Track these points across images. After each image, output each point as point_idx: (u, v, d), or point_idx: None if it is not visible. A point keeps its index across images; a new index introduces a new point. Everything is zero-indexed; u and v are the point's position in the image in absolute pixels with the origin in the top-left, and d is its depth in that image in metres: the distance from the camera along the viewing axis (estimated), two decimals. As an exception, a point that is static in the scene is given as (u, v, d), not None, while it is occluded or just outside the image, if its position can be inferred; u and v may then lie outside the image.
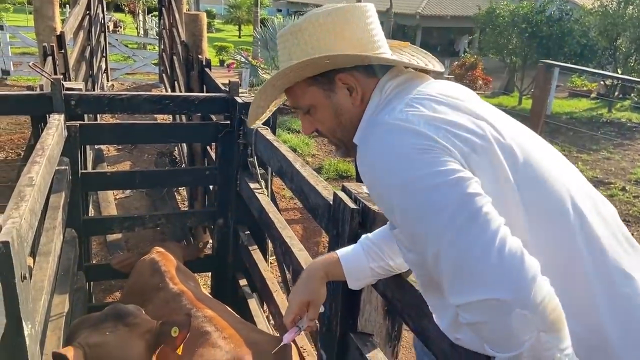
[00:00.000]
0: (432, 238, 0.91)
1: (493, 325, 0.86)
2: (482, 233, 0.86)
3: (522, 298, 0.83)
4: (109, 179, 3.19)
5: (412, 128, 0.97)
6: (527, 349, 0.84)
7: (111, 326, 1.79)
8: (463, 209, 0.88)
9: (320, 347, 1.83)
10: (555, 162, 1.08)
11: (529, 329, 0.83)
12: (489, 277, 0.84)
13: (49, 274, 1.91)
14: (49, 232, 2.18)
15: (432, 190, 0.91)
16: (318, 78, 1.14)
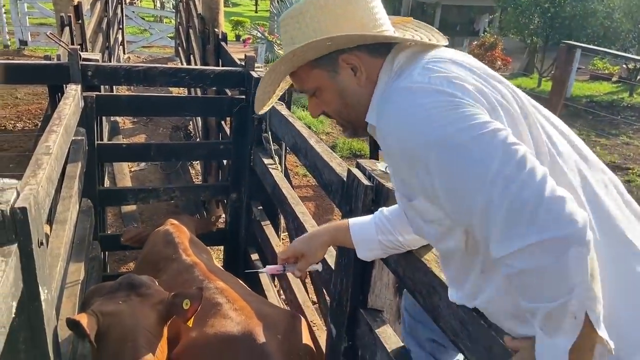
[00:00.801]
0: (480, 189, 0.88)
1: (547, 268, 0.83)
2: (532, 178, 0.85)
3: (579, 235, 0.81)
4: (125, 151, 3.21)
5: (436, 88, 0.96)
6: (575, 295, 0.82)
7: (124, 295, 1.82)
8: (510, 157, 0.87)
9: (330, 321, 1.84)
10: (567, 138, 1.08)
11: (583, 270, 0.82)
12: (544, 218, 0.82)
13: (65, 242, 1.94)
14: (65, 201, 2.21)
15: (474, 142, 0.90)
16: (321, 60, 1.13)
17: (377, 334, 1.57)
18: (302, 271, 1.51)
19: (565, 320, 0.83)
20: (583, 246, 0.81)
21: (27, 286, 1.29)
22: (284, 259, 1.53)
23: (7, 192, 1.28)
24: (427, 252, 1.36)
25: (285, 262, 1.53)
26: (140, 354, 1.65)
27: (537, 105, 1.10)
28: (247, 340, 1.75)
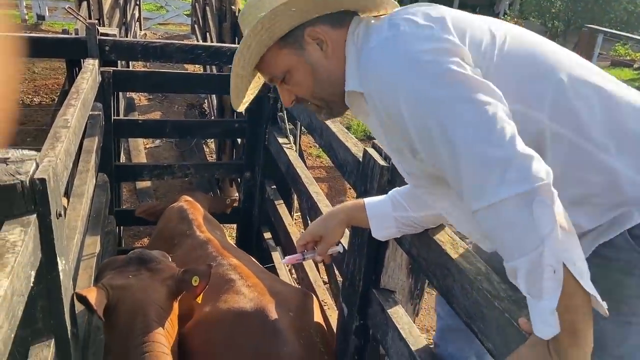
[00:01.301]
0: (450, 149, 0.94)
1: (515, 222, 0.87)
2: (502, 139, 0.89)
3: (544, 188, 0.86)
4: (141, 127, 3.23)
5: (409, 36, 1.00)
6: (547, 246, 0.83)
7: (134, 270, 1.84)
8: (481, 118, 0.91)
9: (342, 300, 1.85)
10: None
11: (550, 220, 0.84)
12: (512, 176, 0.87)
13: (82, 215, 1.97)
14: (82, 175, 2.23)
15: (449, 101, 0.94)
16: (288, 39, 1.14)
17: (389, 314, 1.58)
18: (322, 255, 1.47)
19: (544, 276, 0.84)
20: (547, 198, 0.85)
21: (45, 256, 1.31)
22: (303, 244, 1.49)
23: (26, 163, 1.29)
24: (441, 233, 1.35)
25: (304, 248, 1.49)
26: (151, 327, 1.67)
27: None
28: (260, 317, 1.77)
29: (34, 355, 1.31)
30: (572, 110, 1.03)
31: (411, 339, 1.48)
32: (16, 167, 1.27)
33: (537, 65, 1.06)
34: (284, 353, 1.63)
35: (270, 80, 1.23)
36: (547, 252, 0.84)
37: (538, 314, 0.86)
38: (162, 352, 1.65)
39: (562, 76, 1.05)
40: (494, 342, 1.08)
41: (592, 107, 1.04)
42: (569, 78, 1.05)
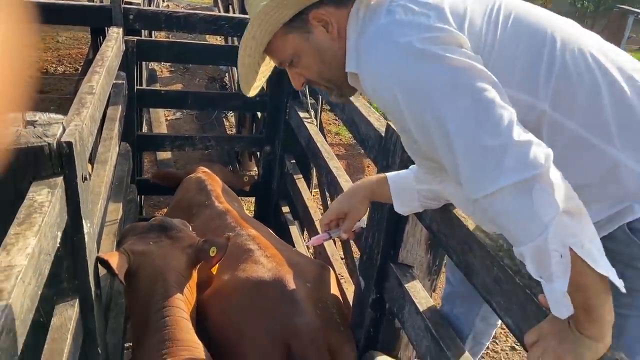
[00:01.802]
0: (447, 137, 0.94)
1: (517, 210, 0.86)
2: (499, 126, 0.89)
3: (542, 174, 0.85)
4: (163, 97, 3.24)
5: (404, 24, 0.99)
6: (551, 232, 0.83)
7: (155, 237, 1.87)
8: (478, 105, 0.90)
9: (360, 274, 1.86)
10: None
11: (552, 207, 0.83)
12: (511, 163, 0.86)
13: (105, 181, 2.00)
14: (106, 142, 2.26)
15: (447, 89, 0.93)
16: (294, 23, 1.13)
17: (406, 288, 1.58)
18: (347, 232, 1.46)
19: (551, 260, 0.85)
20: (547, 185, 0.84)
21: (71, 218, 1.34)
22: (327, 223, 1.48)
23: (53, 126, 1.31)
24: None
25: (328, 227, 1.48)
26: (170, 292, 1.71)
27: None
28: (278, 286, 1.79)
29: (58, 314, 1.35)
30: (574, 99, 1.01)
31: (428, 313, 1.48)
32: (43, 130, 1.29)
33: (539, 51, 1.03)
34: (301, 323, 1.65)
35: (280, 64, 1.23)
36: (552, 237, 0.84)
37: (552, 296, 0.88)
38: (181, 316, 1.68)
39: (567, 60, 1.02)
40: (513, 317, 1.08)
41: (597, 96, 1.01)
42: (573, 63, 1.02)
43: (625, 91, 1.03)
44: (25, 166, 1.22)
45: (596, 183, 1.04)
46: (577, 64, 1.03)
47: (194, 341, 1.66)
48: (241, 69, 1.24)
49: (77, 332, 1.39)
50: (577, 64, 1.03)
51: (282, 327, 1.66)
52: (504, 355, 3.26)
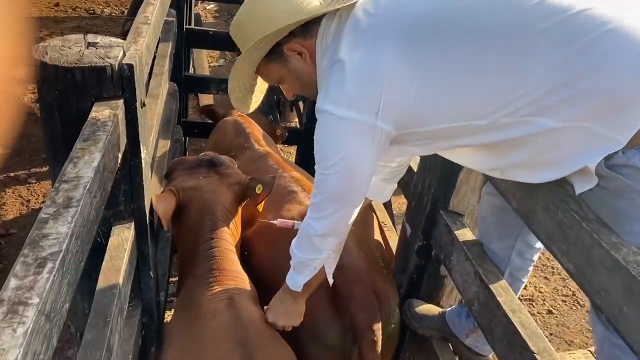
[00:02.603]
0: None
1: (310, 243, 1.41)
2: (319, 222, 1.36)
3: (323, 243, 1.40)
4: (211, 38, 3.21)
5: (335, 118, 1.17)
6: (322, 258, 1.44)
7: (204, 172, 1.90)
8: (318, 207, 1.34)
9: (406, 220, 1.85)
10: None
11: (329, 248, 1.43)
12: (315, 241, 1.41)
13: (157, 115, 2.01)
14: (157, 77, 2.27)
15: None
16: (271, 56, 1.32)
17: (456, 235, 1.56)
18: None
19: (308, 268, 1.42)
20: (326, 240, 1.37)
21: (129, 142, 1.35)
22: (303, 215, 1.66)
23: (114, 48, 1.31)
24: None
25: (300, 218, 1.65)
26: (218, 225, 1.74)
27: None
28: None
29: (116, 234, 1.39)
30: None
31: (478, 260, 1.46)
32: (105, 52, 1.29)
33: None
34: (346, 262, 1.65)
35: (270, 83, 1.44)
36: (318, 261, 1.41)
37: (293, 279, 1.47)
38: (228, 248, 1.72)
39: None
40: (576, 263, 1.05)
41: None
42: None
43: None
44: (89, 86, 1.23)
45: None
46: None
47: (240, 272, 1.70)
48: (233, 95, 1.45)
49: (132, 254, 1.43)
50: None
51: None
52: (539, 318, 3.23)
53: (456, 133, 1.17)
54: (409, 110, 1.14)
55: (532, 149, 1.13)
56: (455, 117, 1.14)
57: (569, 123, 1.06)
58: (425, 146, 1.26)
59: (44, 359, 0.75)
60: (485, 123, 1.12)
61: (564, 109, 1.06)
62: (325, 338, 1.58)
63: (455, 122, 1.15)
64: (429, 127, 1.18)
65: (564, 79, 1.04)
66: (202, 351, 1.44)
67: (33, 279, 0.75)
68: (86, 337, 1.14)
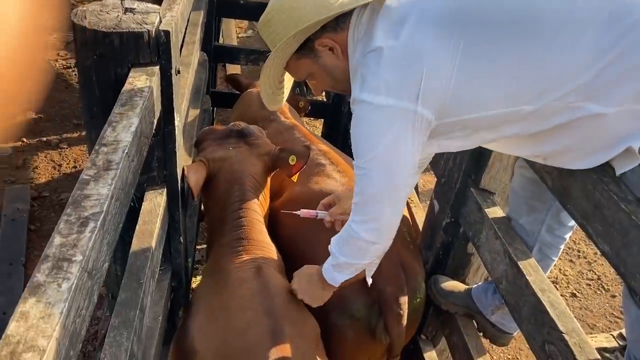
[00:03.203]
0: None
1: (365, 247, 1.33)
2: (362, 222, 1.29)
3: (373, 243, 1.32)
4: (242, 7, 3.18)
5: (373, 106, 1.12)
6: (364, 263, 1.39)
7: (234, 142, 1.90)
8: (360, 204, 1.29)
9: (435, 197, 1.84)
10: None
11: (375, 255, 1.39)
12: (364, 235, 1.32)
13: (188, 84, 2.02)
14: (189, 46, 2.27)
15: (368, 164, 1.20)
16: (302, 51, 1.27)
17: (486, 212, 1.55)
18: (332, 216, 1.60)
19: (349, 270, 1.38)
20: (372, 247, 1.30)
21: (164, 109, 1.36)
22: (325, 203, 1.64)
23: (151, 14, 1.31)
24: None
25: (323, 207, 1.63)
26: (247, 196, 1.76)
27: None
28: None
29: (149, 200, 1.41)
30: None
31: (508, 238, 1.45)
32: (142, 17, 1.29)
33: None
34: (374, 235, 1.66)
35: (299, 79, 1.40)
36: (361, 265, 1.38)
37: (329, 270, 1.42)
38: (256, 218, 1.74)
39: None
40: (612, 244, 1.04)
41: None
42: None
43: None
44: (126, 51, 1.24)
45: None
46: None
47: (267, 242, 1.72)
48: (265, 96, 1.41)
49: (164, 219, 1.46)
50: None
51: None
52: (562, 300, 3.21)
53: (500, 121, 1.13)
54: (450, 97, 1.09)
55: (578, 135, 1.10)
56: (500, 103, 1.10)
57: (615, 108, 1.03)
58: (467, 138, 1.20)
59: (86, 314, 0.78)
60: (532, 109, 1.08)
61: (611, 91, 1.03)
62: (351, 310, 1.60)
63: (500, 109, 1.10)
64: (471, 115, 1.12)
65: (610, 60, 1.01)
66: (228, 318, 1.47)
67: (76, 237, 0.77)
68: (120, 297, 1.18)
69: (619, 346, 2.67)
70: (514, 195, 1.58)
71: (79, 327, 0.74)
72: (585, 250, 3.58)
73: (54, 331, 0.64)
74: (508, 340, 1.74)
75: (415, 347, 1.97)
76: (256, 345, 1.35)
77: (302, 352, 1.39)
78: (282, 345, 1.35)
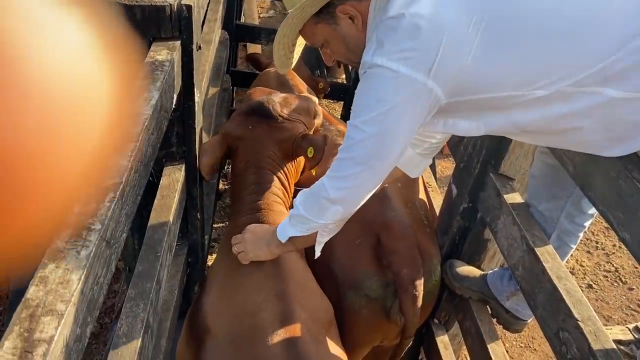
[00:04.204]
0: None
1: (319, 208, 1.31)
2: (340, 181, 1.26)
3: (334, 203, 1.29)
4: (264, -13, 3.17)
5: (386, 74, 1.08)
6: (322, 225, 1.34)
7: (256, 121, 1.88)
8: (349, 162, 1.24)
9: (453, 182, 1.82)
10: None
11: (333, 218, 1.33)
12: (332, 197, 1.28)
13: (209, 61, 2.02)
14: (210, 23, 2.26)
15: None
16: (322, 15, 1.23)
17: (505, 198, 1.53)
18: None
19: (302, 226, 1.35)
20: (332, 207, 1.27)
21: (185, 84, 1.36)
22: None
23: (178, -11, 1.31)
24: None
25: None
26: (264, 178, 1.73)
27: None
28: None
29: (167, 175, 1.42)
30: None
31: (526, 224, 1.44)
32: (164, -8, 1.29)
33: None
34: (391, 217, 1.65)
35: (312, 45, 1.35)
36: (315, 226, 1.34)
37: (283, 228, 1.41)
38: (274, 201, 1.72)
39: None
40: (633, 232, 1.02)
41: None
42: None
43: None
44: (148, 24, 1.24)
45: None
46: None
47: (285, 222, 1.71)
48: (277, 59, 1.39)
49: (182, 195, 1.47)
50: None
51: (373, 220, 1.67)
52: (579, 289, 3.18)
53: (511, 104, 1.09)
54: (464, 74, 1.06)
55: (596, 123, 1.06)
56: (515, 84, 1.06)
57: (634, 93, 1.00)
58: (475, 121, 1.17)
59: (104, 282, 0.79)
60: (545, 94, 1.05)
61: (630, 75, 0.99)
62: (367, 290, 1.60)
63: (513, 91, 1.07)
64: (483, 95, 1.09)
65: (634, 47, 0.97)
66: (240, 298, 1.48)
67: (95, 207, 0.78)
68: (137, 269, 1.19)
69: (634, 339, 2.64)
70: (534, 182, 1.56)
71: (96, 295, 0.75)
72: (603, 241, 3.53)
73: (72, 296, 0.65)
74: (522, 326, 1.73)
75: (427, 331, 1.98)
76: (266, 327, 1.36)
77: (313, 335, 1.40)
78: (292, 327, 1.36)
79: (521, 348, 2.79)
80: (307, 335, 1.38)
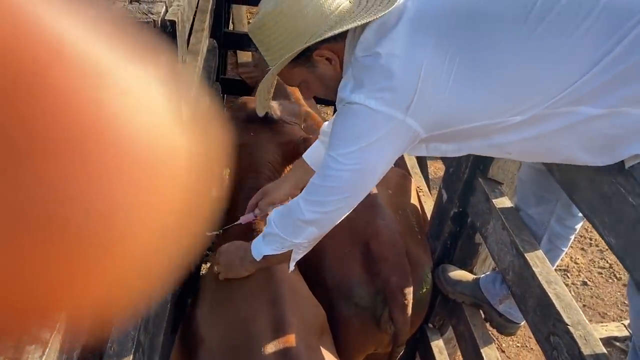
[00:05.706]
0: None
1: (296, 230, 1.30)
2: (314, 205, 1.23)
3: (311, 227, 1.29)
4: (252, -6, 3.17)
5: (360, 113, 1.10)
6: (297, 244, 1.33)
7: (258, 127, 1.88)
8: (323, 192, 1.22)
9: (443, 187, 1.83)
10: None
11: (308, 238, 1.32)
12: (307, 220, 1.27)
13: (197, 72, 2.02)
14: (197, 34, 2.26)
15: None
16: (299, 60, 1.22)
17: (494, 203, 1.54)
18: (261, 210, 1.58)
19: (277, 245, 1.33)
20: (308, 229, 1.27)
21: (170, 99, 1.36)
22: (253, 204, 1.61)
23: (157, 4, 1.31)
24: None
25: (252, 208, 1.61)
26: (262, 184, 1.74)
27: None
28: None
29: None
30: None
31: (515, 230, 1.44)
32: (148, 7, 1.29)
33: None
34: (381, 224, 1.66)
35: (290, 85, 1.38)
36: (292, 243, 1.31)
37: (258, 245, 1.39)
38: None
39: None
40: (617, 237, 1.03)
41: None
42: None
43: None
44: (132, 41, 1.24)
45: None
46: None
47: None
48: (259, 104, 1.42)
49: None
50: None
51: (363, 228, 1.68)
52: (573, 289, 3.19)
53: (489, 131, 1.11)
54: (442, 107, 1.07)
55: (575, 141, 1.08)
56: (492, 113, 1.08)
57: (608, 109, 1.01)
58: (456, 144, 1.19)
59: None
60: (522, 119, 1.06)
61: (605, 93, 1.00)
62: (356, 298, 1.61)
63: (489, 120, 1.08)
64: (462, 126, 1.10)
65: (605, 64, 0.98)
66: (233, 307, 1.48)
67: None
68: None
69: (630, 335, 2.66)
70: (522, 186, 1.57)
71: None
72: (597, 238, 3.55)
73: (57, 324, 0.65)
74: (515, 329, 1.74)
75: (422, 336, 1.98)
76: (259, 335, 1.36)
77: (307, 342, 1.40)
78: (285, 335, 1.36)
79: (518, 348, 2.80)
80: (301, 342, 1.38)
